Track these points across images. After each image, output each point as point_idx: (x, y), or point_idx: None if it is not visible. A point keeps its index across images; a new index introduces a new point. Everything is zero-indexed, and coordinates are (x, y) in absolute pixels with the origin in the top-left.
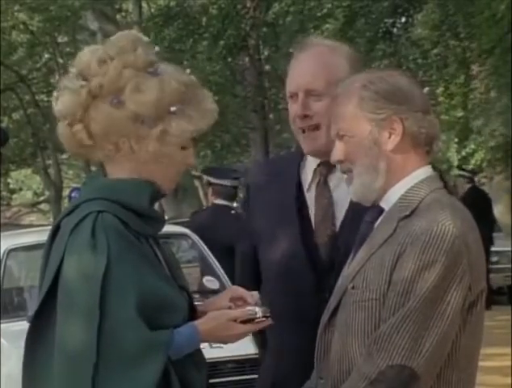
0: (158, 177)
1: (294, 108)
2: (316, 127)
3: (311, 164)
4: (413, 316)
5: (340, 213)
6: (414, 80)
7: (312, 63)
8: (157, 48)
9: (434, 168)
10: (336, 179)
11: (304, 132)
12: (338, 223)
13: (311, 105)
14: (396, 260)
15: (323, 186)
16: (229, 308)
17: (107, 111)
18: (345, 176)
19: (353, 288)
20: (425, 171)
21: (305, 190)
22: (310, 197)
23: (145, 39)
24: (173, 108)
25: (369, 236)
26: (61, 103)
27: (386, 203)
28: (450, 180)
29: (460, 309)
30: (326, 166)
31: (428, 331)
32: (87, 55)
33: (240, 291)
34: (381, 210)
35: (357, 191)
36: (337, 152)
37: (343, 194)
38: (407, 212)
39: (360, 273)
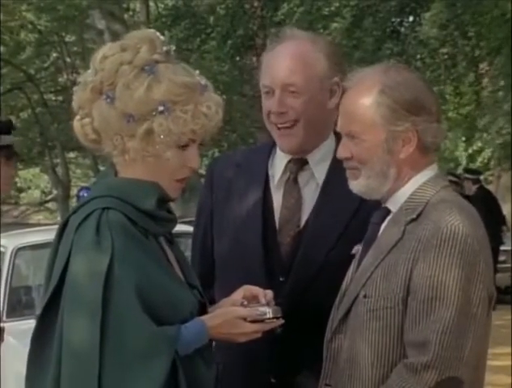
0: (157, 178)
1: (269, 104)
2: (293, 124)
3: (281, 159)
4: (451, 327)
5: (306, 212)
6: (427, 82)
7: (291, 57)
8: (172, 48)
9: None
10: (306, 177)
11: (279, 129)
12: (303, 222)
13: (287, 101)
14: (410, 268)
15: (292, 184)
16: (242, 305)
17: (102, 107)
18: (348, 174)
19: (365, 296)
20: (430, 171)
21: (273, 186)
22: (277, 194)
23: (160, 38)
24: (161, 108)
25: (376, 240)
26: (75, 97)
27: (393, 204)
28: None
29: (487, 305)
30: (297, 163)
31: (466, 339)
32: (100, 50)
33: (253, 290)
34: (387, 212)
35: (361, 189)
36: (346, 150)
37: (312, 193)
38: (414, 216)
39: (371, 281)
